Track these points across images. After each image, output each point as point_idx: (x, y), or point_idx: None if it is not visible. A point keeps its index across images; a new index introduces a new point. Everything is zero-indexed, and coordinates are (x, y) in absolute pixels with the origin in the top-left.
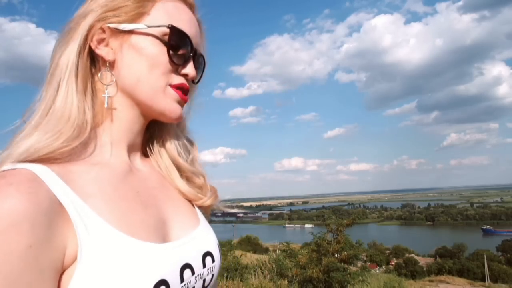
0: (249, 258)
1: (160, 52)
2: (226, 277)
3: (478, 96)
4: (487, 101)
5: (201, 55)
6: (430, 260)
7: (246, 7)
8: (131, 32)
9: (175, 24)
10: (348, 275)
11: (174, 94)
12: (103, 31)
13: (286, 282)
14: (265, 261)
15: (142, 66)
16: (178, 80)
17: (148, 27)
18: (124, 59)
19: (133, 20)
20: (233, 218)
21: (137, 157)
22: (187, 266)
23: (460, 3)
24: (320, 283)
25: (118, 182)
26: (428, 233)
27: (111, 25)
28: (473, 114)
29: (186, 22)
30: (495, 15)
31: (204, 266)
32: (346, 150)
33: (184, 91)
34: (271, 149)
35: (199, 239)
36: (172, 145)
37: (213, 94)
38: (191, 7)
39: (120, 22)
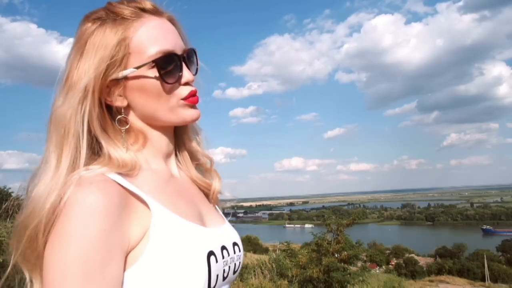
0: (249, 258)
1: (156, 82)
2: None
3: (478, 96)
4: (487, 101)
5: (188, 50)
6: (430, 260)
7: (246, 7)
8: (126, 78)
9: (156, 49)
10: (348, 275)
11: (185, 105)
12: (107, 85)
13: (286, 282)
14: (265, 261)
15: (151, 100)
16: (185, 91)
17: (137, 68)
18: (134, 100)
19: (122, 65)
20: (233, 218)
21: (173, 164)
22: (225, 247)
23: (461, 3)
24: (320, 283)
25: (163, 184)
26: (428, 233)
27: (111, 78)
28: (473, 114)
29: (162, 37)
30: (496, 15)
31: (234, 252)
32: (346, 150)
33: (194, 96)
34: (271, 149)
35: (228, 231)
36: (187, 139)
37: (213, 94)
38: (156, 13)
39: (115, 73)
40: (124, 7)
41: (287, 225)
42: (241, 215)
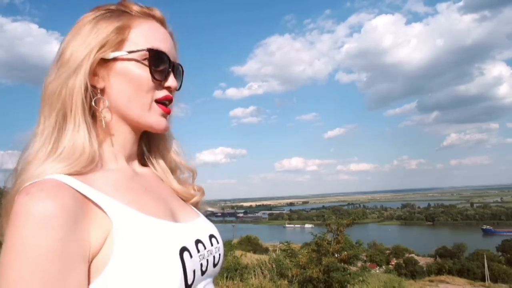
0: (249, 258)
1: (143, 73)
2: (226, 277)
3: (479, 96)
4: (487, 101)
5: (179, 65)
6: (430, 260)
7: (247, 7)
8: (115, 59)
9: (152, 45)
10: (348, 275)
11: (158, 110)
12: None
13: (286, 282)
14: (265, 261)
15: (129, 88)
16: (162, 94)
17: (129, 52)
18: (112, 85)
19: (116, 48)
20: (233, 218)
21: (136, 165)
22: (199, 241)
23: (461, 3)
24: (320, 283)
25: (128, 182)
26: (428, 233)
27: (100, 57)
28: (473, 114)
29: (161, 40)
30: (496, 15)
31: (211, 244)
32: (346, 150)
33: (168, 103)
34: (271, 149)
35: (202, 224)
36: (165, 149)
37: (213, 94)
38: (162, 23)
39: (105, 53)
40: (134, 6)
41: (287, 225)
42: (241, 215)
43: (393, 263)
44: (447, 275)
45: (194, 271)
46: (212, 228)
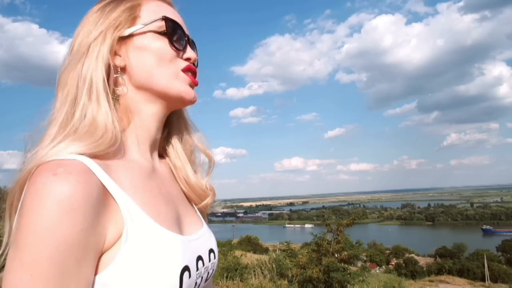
0: (249, 258)
1: (162, 44)
2: (226, 277)
3: (479, 96)
4: (487, 101)
5: (193, 40)
6: (430, 260)
7: (247, 7)
8: (131, 35)
9: (166, 14)
10: (348, 275)
11: (186, 78)
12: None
13: (286, 282)
14: (265, 261)
15: (150, 61)
16: (185, 63)
17: (145, 25)
18: (133, 61)
19: (130, 25)
20: (233, 218)
21: (156, 156)
22: (200, 258)
23: (461, 3)
24: (320, 283)
25: (145, 178)
26: (428, 233)
27: (117, 35)
28: (474, 114)
29: (172, 14)
30: (496, 15)
31: (209, 260)
32: (347, 150)
33: (193, 73)
34: (271, 149)
35: (205, 237)
36: (186, 132)
37: (214, 94)
38: (169, 4)
39: (120, 31)
40: None
41: (287, 225)
42: (241, 215)
43: (393, 263)
44: (447, 275)
45: None
46: (212, 241)
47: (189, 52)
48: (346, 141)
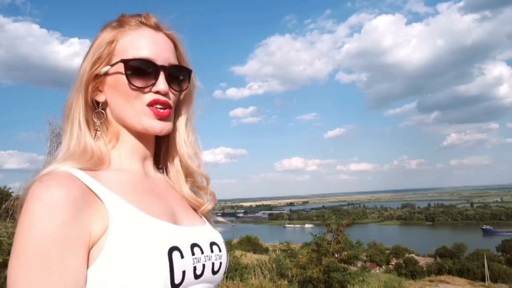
0: (249, 258)
1: (126, 83)
2: (226, 277)
3: (479, 96)
4: (487, 101)
5: (175, 65)
6: (430, 260)
7: (247, 7)
8: (106, 74)
9: (132, 55)
10: (348, 275)
11: (149, 112)
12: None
13: (286, 282)
14: (265, 261)
15: (120, 98)
16: (150, 97)
17: (112, 66)
18: (109, 97)
19: (107, 63)
20: (233, 218)
21: (151, 167)
22: (196, 245)
23: (461, 3)
24: (320, 283)
25: (137, 181)
26: (428, 233)
27: (96, 73)
28: (474, 114)
29: (145, 46)
30: (496, 16)
31: (211, 251)
32: (347, 150)
33: (163, 105)
34: (271, 149)
35: (204, 231)
36: (177, 153)
37: (214, 94)
38: (156, 28)
39: (98, 69)
40: (129, 19)
41: (287, 225)
42: (241, 215)
43: (393, 263)
44: (447, 275)
45: (184, 272)
46: (215, 236)
47: (159, 85)
48: (346, 141)
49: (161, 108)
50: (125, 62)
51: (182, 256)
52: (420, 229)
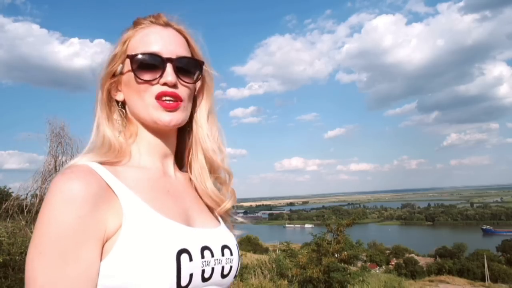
0: (249, 258)
1: (135, 78)
2: None
3: (479, 96)
4: (487, 101)
5: (186, 57)
6: (430, 260)
7: (248, 7)
8: (121, 73)
9: (141, 50)
10: (348, 275)
11: (157, 105)
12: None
13: (286, 282)
14: (265, 261)
15: (133, 94)
16: (158, 90)
17: (123, 64)
18: (126, 95)
19: (121, 62)
20: (233, 218)
21: (170, 166)
22: (207, 248)
23: (462, 3)
24: (320, 283)
25: (153, 179)
26: (428, 233)
27: (113, 72)
28: (474, 114)
29: (152, 41)
30: (497, 16)
31: (222, 254)
32: (347, 150)
33: (171, 97)
34: (271, 149)
35: (217, 233)
36: (204, 147)
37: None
38: (165, 25)
39: (114, 67)
40: (142, 20)
41: (287, 225)
42: (241, 215)
43: (393, 263)
44: (447, 275)
45: (191, 275)
46: (228, 240)
47: (166, 76)
48: (346, 141)
49: (169, 100)
50: (131, 57)
51: (191, 259)
52: (420, 229)
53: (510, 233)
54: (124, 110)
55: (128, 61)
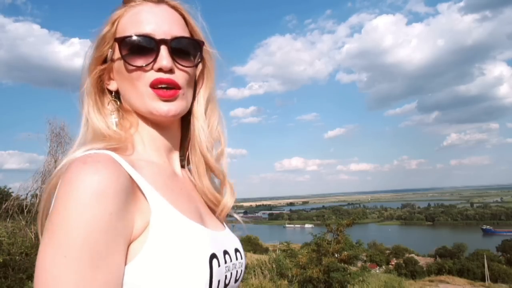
0: (249, 258)
1: (125, 64)
2: None
3: (479, 96)
4: (487, 101)
5: (184, 38)
6: (430, 260)
7: (248, 7)
8: (112, 60)
9: (129, 33)
10: (348, 275)
11: (152, 94)
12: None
13: (286, 282)
14: (265, 261)
15: (125, 83)
16: (152, 77)
17: (113, 49)
18: (118, 84)
19: (111, 47)
20: (233, 218)
21: (177, 162)
22: (227, 252)
23: (462, 3)
24: (320, 283)
25: (167, 178)
26: (428, 233)
27: (102, 58)
28: (474, 114)
29: (143, 22)
30: (497, 16)
31: (236, 258)
32: (347, 150)
33: (168, 84)
34: (271, 149)
35: (229, 236)
36: (199, 142)
37: None
38: (158, 1)
39: (104, 51)
40: None
41: (287, 225)
42: (241, 215)
43: (393, 263)
44: (447, 275)
45: (218, 281)
46: (237, 242)
47: (160, 61)
48: (346, 141)
49: (165, 88)
50: (119, 41)
51: (219, 264)
52: (420, 229)
53: (510, 233)
54: (116, 100)
55: (116, 45)
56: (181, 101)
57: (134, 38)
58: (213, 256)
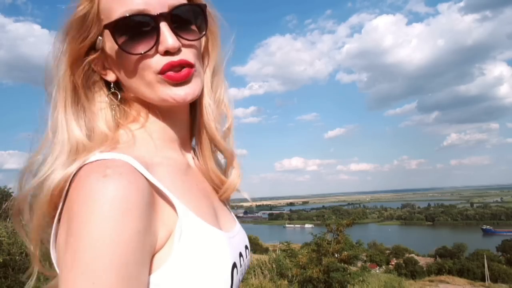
0: None
1: (124, 53)
2: None
3: (479, 96)
4: (487, 101)
5: (182, 5)
6: (430, 260)
7: (248, 8)
8: (103, 49)
9: (118, 13)
10: (348, 275)
11: (162, 80)
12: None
13: (286, 282)
14: (265, 261)
15: (128, 74)
16: (162, 62)
17: (102, 36)
18: (117, 74)
19: (99, 34)
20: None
21: (190, 153)
22: (240, 254)
23: (462, 3)
24: (320, 283)
25: (183, 174)
26: (428, 233)
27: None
28: (474, 114)
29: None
30: (497, 16)
31: (246, 256)
32: (347, 150)
33: (178, 67)
34: (271, 149)
35: (241, 234)
36: (205, 120)
37: None
38: None
39: (91, 40)
40: None
41: (287, 225)
42: (241, 215)
43: (393, 263)
44: (447, 275)
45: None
46: (245, 237)
47: (165, 42)
48: (346, 141)
49: (176, 70)
50: (110, 27)
51: (237, 272)
52: (420, 229)
53: (510, 233)
54: (117, 93)
55: (107, 32)
56: (197, 79)
57: (126, 19)
58: (234, 265)
